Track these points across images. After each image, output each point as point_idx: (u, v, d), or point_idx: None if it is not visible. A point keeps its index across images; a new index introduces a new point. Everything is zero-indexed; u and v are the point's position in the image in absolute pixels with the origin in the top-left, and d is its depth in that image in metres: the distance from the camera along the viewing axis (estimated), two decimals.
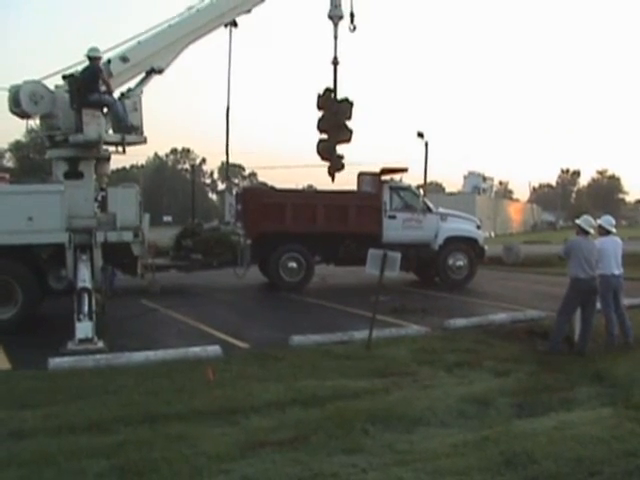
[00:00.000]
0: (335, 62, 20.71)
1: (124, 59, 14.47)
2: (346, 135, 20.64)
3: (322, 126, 20.80)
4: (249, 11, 17.19)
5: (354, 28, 20.57)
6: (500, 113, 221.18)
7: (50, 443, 6.40)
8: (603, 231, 11.45)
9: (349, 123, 20.67)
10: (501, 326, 12.99)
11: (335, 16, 20.29)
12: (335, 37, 20.55)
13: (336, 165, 20.93)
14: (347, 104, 20.65)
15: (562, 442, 6.52)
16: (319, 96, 20.88)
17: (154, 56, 14.93)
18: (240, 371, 9.29)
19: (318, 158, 20.95)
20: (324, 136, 20.83)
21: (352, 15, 20.48)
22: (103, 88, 13.71)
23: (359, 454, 6.28)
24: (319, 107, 20.84)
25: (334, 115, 20.44)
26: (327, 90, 20.83)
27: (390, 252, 11.32)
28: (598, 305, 11.06)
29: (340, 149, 20.86)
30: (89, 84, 13.54)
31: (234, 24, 17.05)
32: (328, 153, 20.88)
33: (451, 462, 6.07)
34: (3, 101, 14.07)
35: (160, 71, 15.07)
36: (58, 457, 6.03)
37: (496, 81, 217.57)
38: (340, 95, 20.77)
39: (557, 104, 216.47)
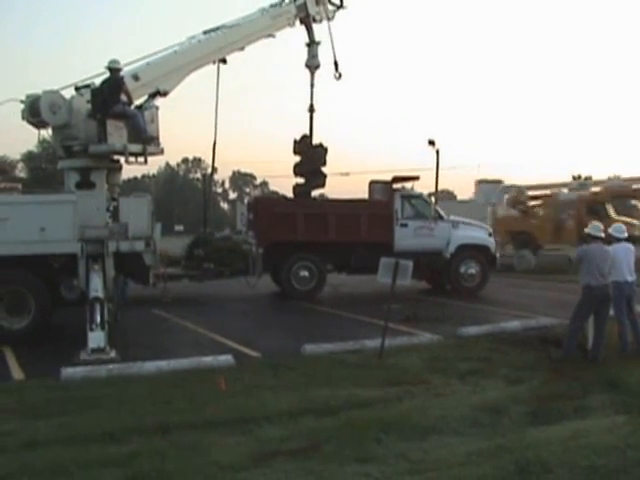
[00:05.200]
0: (311, 110, 21.10)
1: (135, 77, 14.72)
2: (320, 180, 21.11)
3: (299, 171, 21.18)
4: (242, 49, 17.68)
5: (339, 76, 21.01)
6: (511, 120, 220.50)
7: (63, 453, 6.41)
8: (614, 239, 11.39)
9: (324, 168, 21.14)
10: (514, 334, 12.92)
11: (312, 65, 20.71)
12: (311, 85, 20.96)
13: None
14: (322, 150, 21.01)
15: (576, 450, 6.49)
16: (295, 142, 21.26)
17: (161, 79, 15.30)
18: (252, 380, 9.28)
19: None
20: (300, 180, 21.21)
21: (336, 64, 20.89)
22: (124, 99, 13.82)
23: (372, 463, 6.26)
24: (295, 152, 21.22)
25: (310, 161, 20.77)
26: (304, 136, 21.18)
27: (402, 260, 11.31)
28: (611, 312, 10.99)
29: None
30: (113, 95, 13.65)
31: (223, 61, 17.36)
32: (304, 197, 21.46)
33: (465, 471, 6.04)
34: (14, 113, 14.16)
35: (165, 94, 15.44)
36: (71, 467, 6.04)
37: (507, 88, 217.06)
38: (315, 140, 21.13)
39: (568, 110, 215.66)
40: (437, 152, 34.53)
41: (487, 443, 6.78)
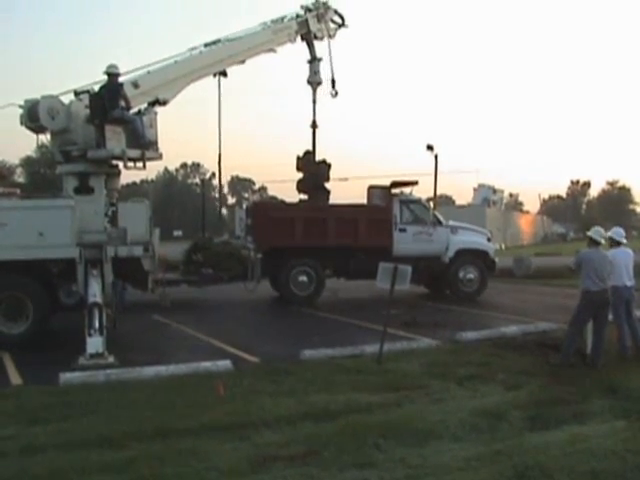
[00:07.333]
0: (314, 126, 21.12)
1: (135, 85, 14.77)
2: (324, 196, 21.04)
3: (302, 187, 21.18)
4: (243, 62, 17.77)
5: (336, 94, 21.11)
6: (510, 125, 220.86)
7: (61, 458, 6.40)
8: (614, 243, 11.40)
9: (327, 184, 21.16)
10: (512, 339, 12.92)
11: (314, 82, 20.78)
12: (314, 102, 21.01)
13: None
14: (325, 166, 21.04)
15: (575, 455, 6.47)
16: (298, 158, 21.24)
17: (160, 87, 15.37)
18: (251, 385, 9.27)
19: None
20: (303, 197, 21.23)
21: (333, 81, 21.02)
22: (122, 104, 13.84)
23: (371, 469, 6.25)
24: (298, 169, 21.21)
25: (313, 177, 20.79)
26: (307, 152, 21.18)
27: (401, 265, 11.31)
28: (610, 317, 10.99)
29: None
30: (111, 100, 13.66)
31: (224, 74, 17.44)
32: None
33: (464, 476, 6.03)
34: (12, 118, 14.18)
35: (164, 103, 15.49)
36: (69, 473, 6.03)
37: (505, 93, 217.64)
38: (318, 156, 21.14)
39: (567, 115, 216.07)
40: (436, 157, 34.49)
41: (486, 448, 6.77)
